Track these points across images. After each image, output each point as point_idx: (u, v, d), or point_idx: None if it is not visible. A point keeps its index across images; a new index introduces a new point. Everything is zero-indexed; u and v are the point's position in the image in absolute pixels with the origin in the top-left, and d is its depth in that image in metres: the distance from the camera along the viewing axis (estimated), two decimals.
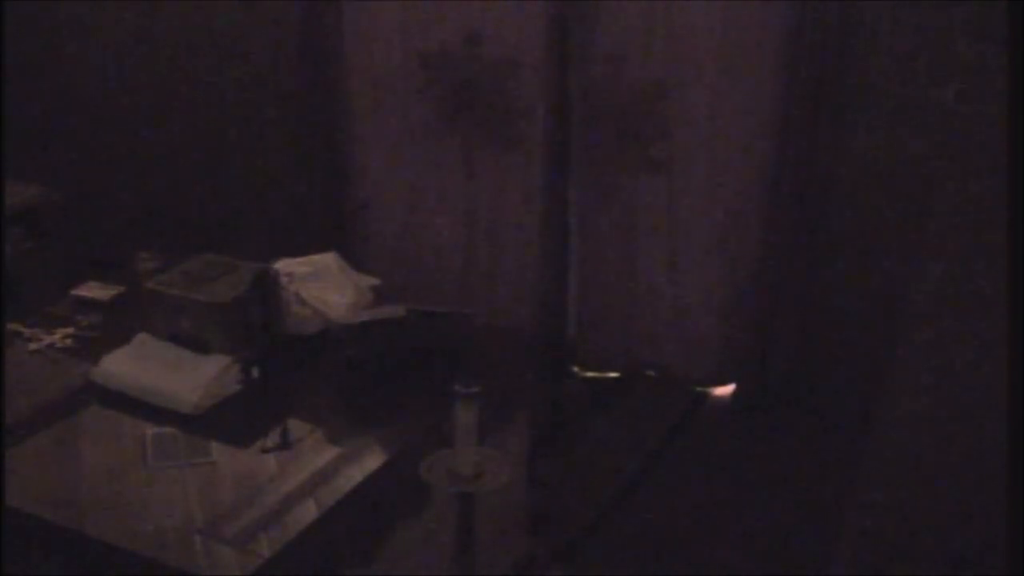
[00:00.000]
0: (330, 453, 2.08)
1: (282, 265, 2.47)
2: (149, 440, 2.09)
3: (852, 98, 2.98)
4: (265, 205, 3.88)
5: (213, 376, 2.22)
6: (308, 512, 1.90)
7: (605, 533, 2.25)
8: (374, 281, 2.63)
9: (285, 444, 2.09)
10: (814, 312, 3.23)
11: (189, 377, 2.21)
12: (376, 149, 3.67)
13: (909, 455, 1.97)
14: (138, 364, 2.27)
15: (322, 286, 2.49)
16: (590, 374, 3.57)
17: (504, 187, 3.53)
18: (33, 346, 2.45)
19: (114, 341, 2.37)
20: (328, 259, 2.58)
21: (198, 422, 2.15)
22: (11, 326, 2.50)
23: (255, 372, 2.29)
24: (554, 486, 2.20)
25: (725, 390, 3.48)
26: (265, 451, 2.07)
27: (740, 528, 2.82)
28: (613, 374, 3.57)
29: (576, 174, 3.46)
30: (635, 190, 3.38)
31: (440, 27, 3.41)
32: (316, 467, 2.02)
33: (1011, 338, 1.74)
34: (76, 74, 4.04)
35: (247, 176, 3.90)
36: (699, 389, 3.49)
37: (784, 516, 2.87)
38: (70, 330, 2.51)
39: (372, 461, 2.05)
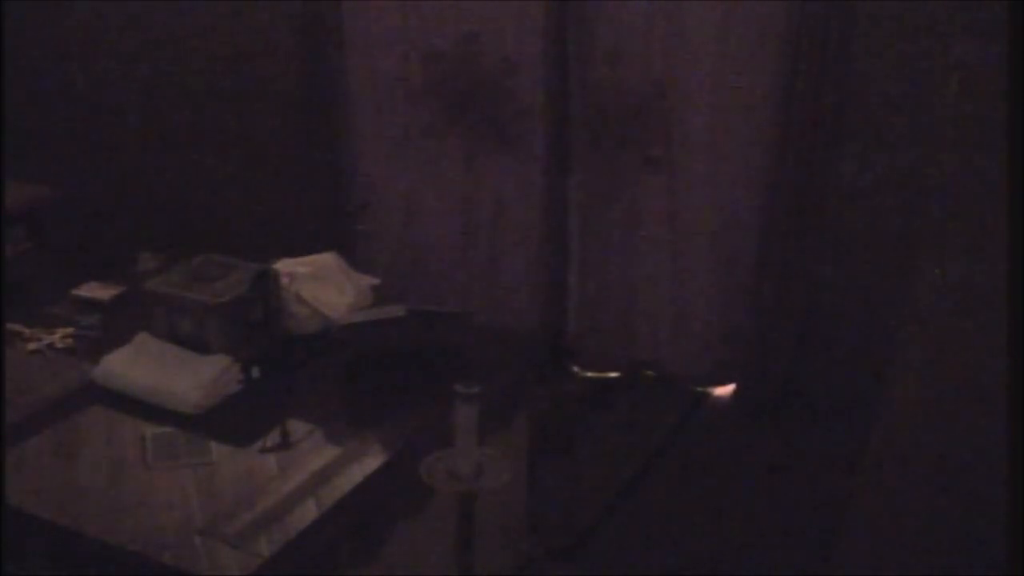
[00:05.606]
0: (330, 453, 2.07)
1: (282, 265, 2.47)
2: (149, 440, 2.08)
3: (852, 98, 2.98)
4: (265, 205, 3.88)
5: (213, 376, 2.22)
6: (308, 512, 1.90)
7: (605, 533, 2.25)
8: (374, 281, 2.63)
9: (285, 444, 2.09)
10: (814, 312, 3.23)
11: (189, 377, 2.21)
12: (376, 149, 3.67)
13: (909, 454, 1.97)
14: (138, 364, 2.27)
15: (322, 286, 2.48)
16: (590, 374, 3.57)
17: (504, 187, 3.53)
18: (33, 346, 2.45)
19: (114, 341, 2.36)
20: (328, 259, 2.58)
21: (198, 422, 2.14)
22: (11, 326, 2.50)
23: (255, 372, 2.28)
24: (554, 486, 2.20)
25: (725, 390, 3.48)
26: (265, 451, 2.07)
27: (740, 527, 2.82)
28: (613, 374, 3.57)
29: (576, 174, 3.46)
30: (635, 190, 3.38)
31: (440, 27, 3.41)
32: (316, 467, 2.02)
33: (1011, 338, 1.74)
34: (76, 74, 4.04)
35: (247, 176, 3.90)
36: (699, 389, 3.49)
37: (784, 515, 2.87)
38: (70, 330, 2.51)
39: (372, 461, 2.05)
